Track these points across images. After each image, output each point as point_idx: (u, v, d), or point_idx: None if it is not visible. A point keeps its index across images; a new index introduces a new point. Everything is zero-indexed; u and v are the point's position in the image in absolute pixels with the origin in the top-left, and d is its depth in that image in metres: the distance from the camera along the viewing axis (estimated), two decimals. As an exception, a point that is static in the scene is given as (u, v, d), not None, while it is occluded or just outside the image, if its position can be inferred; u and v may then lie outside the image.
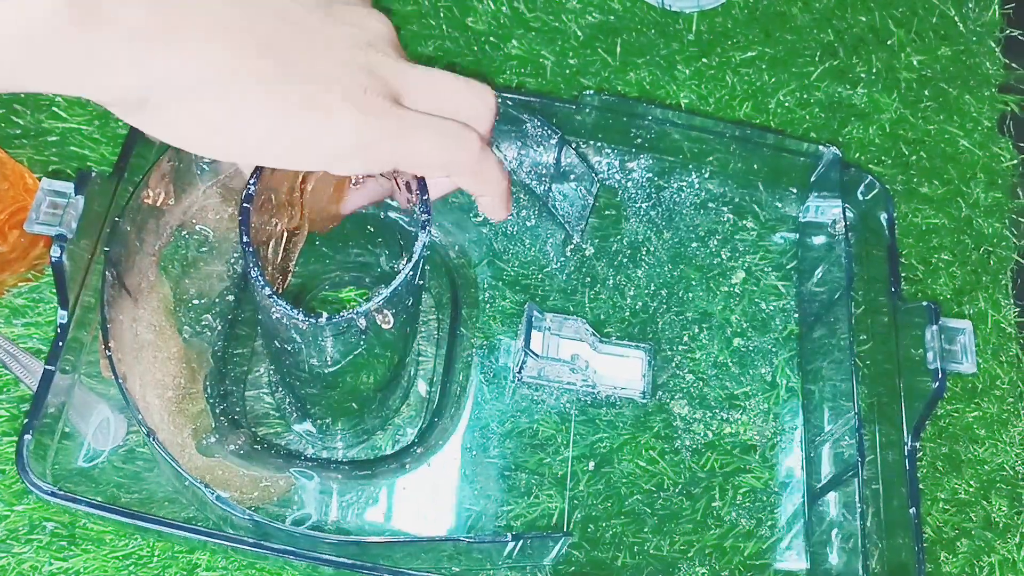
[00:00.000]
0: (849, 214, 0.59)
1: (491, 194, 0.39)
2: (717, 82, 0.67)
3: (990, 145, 0.68)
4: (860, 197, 0.59)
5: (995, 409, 0.60)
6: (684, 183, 0.62)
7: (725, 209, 0.62)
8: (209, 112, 0.31)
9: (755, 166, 0.61)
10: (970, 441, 0.59)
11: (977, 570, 0.56)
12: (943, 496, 0.57)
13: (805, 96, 0.68)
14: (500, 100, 0.53)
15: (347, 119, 0.33)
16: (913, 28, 0.71)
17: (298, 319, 0.37)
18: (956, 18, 0.72)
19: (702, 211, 0.62)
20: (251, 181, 0.38)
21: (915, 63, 0.70)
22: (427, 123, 0.35)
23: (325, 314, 0.38)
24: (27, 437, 0.46)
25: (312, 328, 0.38)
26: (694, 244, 0.61)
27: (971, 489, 0.58)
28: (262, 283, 0.37)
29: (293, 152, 0.33)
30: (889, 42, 0.70)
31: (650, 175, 0.61)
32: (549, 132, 0.54)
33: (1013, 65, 0.71)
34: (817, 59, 0.69)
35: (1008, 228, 0.65)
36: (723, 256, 0.61)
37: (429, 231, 0.39)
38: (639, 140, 0.60)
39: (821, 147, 0.58)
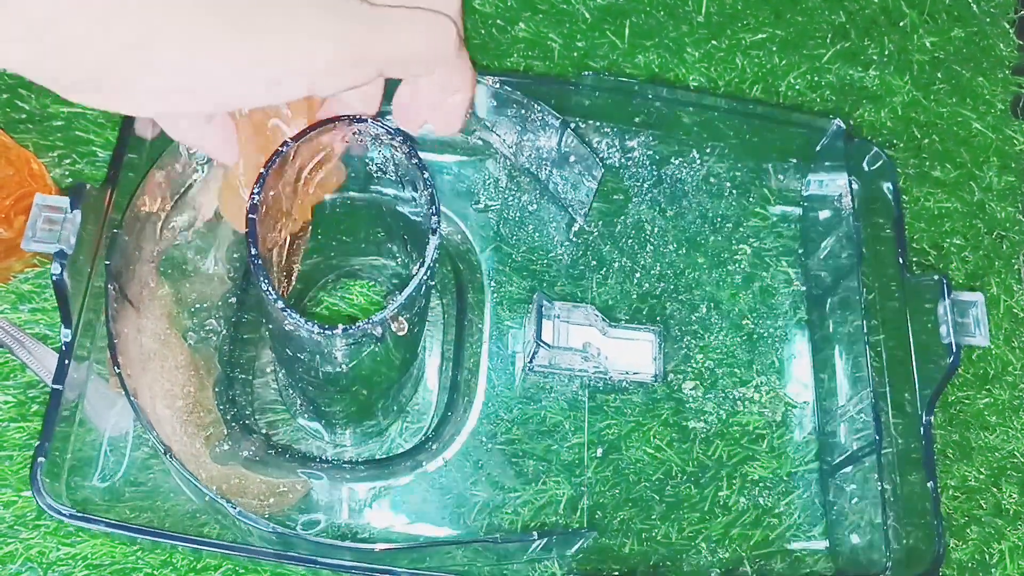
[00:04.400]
0: (854, 187, 0.58)
1: (466, 90, 0.37)
2: (727, 65, 0.66)
3: (1003, 128, 0.67)
4: (866, 168, 0.58)
5: (1006, 395, 0.59)
6: (687, 161, 0.61)
7: (728, 185, 0.61)
8: (169, 66, 0.29)
9: (758, 141, 0.60)
10: (981, 428, 0.58)
11: (987, 557, 0.55)
12: (953, 483, 0.57)
13: (816, 78, 0.67)
14: (501, 85, 0.53)
15: (316, 29, 0.30)
16: (926, 9, 0.70)
17: (313, 331, 0.37)
18: (970, -1, 0.71)
19: (706, 189, 0.61)
20: (255, 191, 0.38)
21: (928, 45, 0.69)
22: (401, 14, 0.33)
23: (341, 325, 0.37)
24: (40, 460, 0.45)
25: (327, 339, 0.38)
26: (699, 222, 0.60)
27: (981, 476, 0.57)
28: (274, 296, 0.36)
29: (262, 84, 0.31)
30: (901, 23, 0.70)
31: (652, 153, 0.61)
32: (551, 117, 0.54)
33: (1027, 47, 0.70)
34: (828, 41, 0.68)
35: (1021, 212, 0.65)
36: (728, 232, 0.60)
37: (440, 233, 0.39)
38: (639, 119, 0.59)
39: (825, 119, 0.58)
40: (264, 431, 0.52)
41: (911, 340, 0.53)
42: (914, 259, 0.62)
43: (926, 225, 0.63)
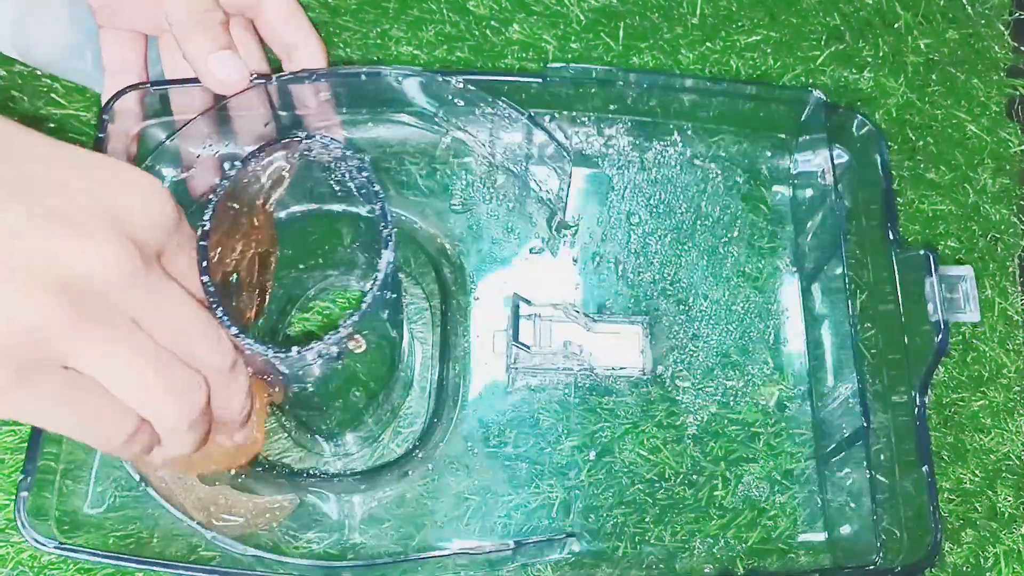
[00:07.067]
0: (844, 159, 0.57)
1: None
2: (721, 67, 0.66)
3: (998, 130, 0.67)
4: (855, 133, 0.57)
5: (1001, 398, 0.59)
6: (669, 144, 0.61)
7: (712, 166, 0.61)
8: None
9: (738, 120, 0.60)
10: (976, 430, 0.58)
11: (982, 560, 0.55)
12: (948, 486, 0.57)
13: (811, 80, 0.67)
14: (464, 84, 0.53)
15: None
16: (920, 11, 0.70)
17: (267, 354, 0.37)
18: (964, 1, 0.71)
19: (690, 175, 0.61)
20: (205, 218, 0.38)
21: (922, 47, 0.69)
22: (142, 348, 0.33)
23: (295, 348, 0.38)
24: (24, 495, 0.45)
25: (282, 361, 0.38)
26: (685, 210, 0.60)
27: (976, 479, 0.57)
28: (227, 322, 0.36)
29: None
30: (896, 25, 0.69)
31: (631, 140, 0.60)
32: (515, 114, 0.53)
33: (1022, 49, 0.70)
34: (823, 43, 0.68)
35: (1016, 215, 0.65)
36: (714, 219, 0.60)
37: (392, 247, 0.38)
38: (614, 107, 0.58)
39: (805, 92, 0.57)
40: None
41: (903, 324, 0.52)
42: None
43: (920, 227, 0.63)
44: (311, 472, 0.52)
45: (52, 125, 0.59)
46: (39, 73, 0.59)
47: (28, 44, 0.56)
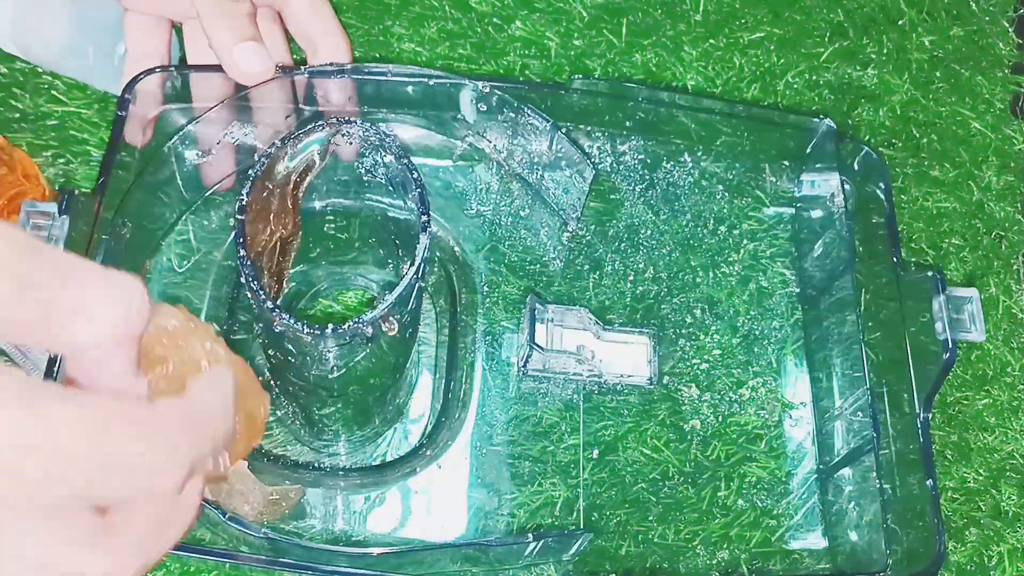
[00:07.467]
0: (846, 186, 0.58)
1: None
2: (724, 64, 0.66)
3: (1002, 127, 0.67)
4: (856, 168, 0.58)
5: (1005, 396, 0.59)
6: (680, 163, 0.61)
7: (721, 187, 0.61)
8: None
9: (751, 143, 0.60)
10: (980, 429, 0.58)
11: (986, 559, 0.55)
12: (952, 485, 0.56)
13: (814, 78, 0.66)
14: (490, 90, 0.53)
15: None
16: (924, 8, 0.70)
17: (302, 331, 0.37)
18: (969, -3, 0.71)
19: (699, 190, 0.61)
20: (243, 192, 0.38)
21: (926, 43, 0.68)
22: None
23: (331, 325, 0.37)
24: None
25: (317, 340, 0.38)
26: (692, 224, 0.60)
27: (980, 478, 0.57)
28: (263, 297, 0.36)
29: None
30: (900, 22, 0.69)
31: (644, 156, 0.60)
32: (540, 120, 0.53)
33: (1027, 45, 0.70)
34: (827, 40, 0.68)
35: (1020, 212, 0.64)
36: (721, 235, 0.60)
37: (430, 232, 0.38)
38: (631, 123, 0.59)
39: (816, 120, 0.57)
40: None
41: (907, 338, 0.52)
42: (912, 259, 0.61)
43: (924, 225, 0.63)
44: (317, 466, 0.51)
45: (53, 122, 0.58)
46: (40, 70, 0.59)
47: (29, 42, 0.56)
